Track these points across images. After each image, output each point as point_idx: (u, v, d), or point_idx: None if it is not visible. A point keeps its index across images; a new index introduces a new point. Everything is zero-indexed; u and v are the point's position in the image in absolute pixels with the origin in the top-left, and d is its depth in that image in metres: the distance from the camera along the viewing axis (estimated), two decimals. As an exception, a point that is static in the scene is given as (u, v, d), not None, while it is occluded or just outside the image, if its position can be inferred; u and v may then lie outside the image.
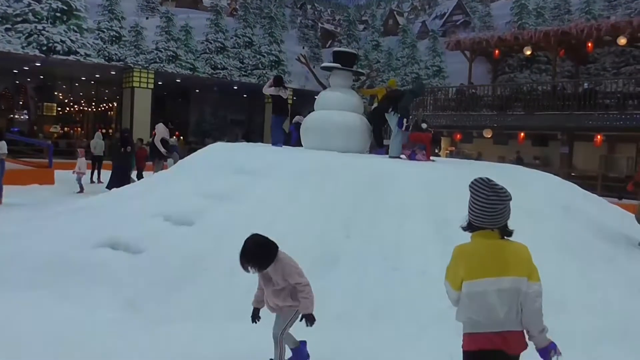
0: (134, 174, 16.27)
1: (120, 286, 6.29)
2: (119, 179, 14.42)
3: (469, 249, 3.17)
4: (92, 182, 18.60)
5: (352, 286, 6.20)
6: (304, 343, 4.73)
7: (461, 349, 3.24)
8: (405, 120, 9.58)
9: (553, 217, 7.96)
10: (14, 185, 15.33)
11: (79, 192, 15.54)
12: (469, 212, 3.25)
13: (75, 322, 5.28)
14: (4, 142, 13.12)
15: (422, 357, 5.05)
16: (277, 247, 4.42)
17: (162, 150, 15.00)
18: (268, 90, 11.72)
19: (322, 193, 7.82)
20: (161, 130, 15.48)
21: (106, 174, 18.22)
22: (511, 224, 6.68)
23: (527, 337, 3.25)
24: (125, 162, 15.73)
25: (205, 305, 5.87)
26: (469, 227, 3.25)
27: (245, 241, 4.34)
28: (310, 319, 4.36)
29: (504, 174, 9.37)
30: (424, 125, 9.87)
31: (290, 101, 34.15)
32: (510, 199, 3.25)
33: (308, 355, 4.71)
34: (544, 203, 8.27)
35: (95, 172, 19.01)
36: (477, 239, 3.20)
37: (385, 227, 7.22)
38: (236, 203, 7.72)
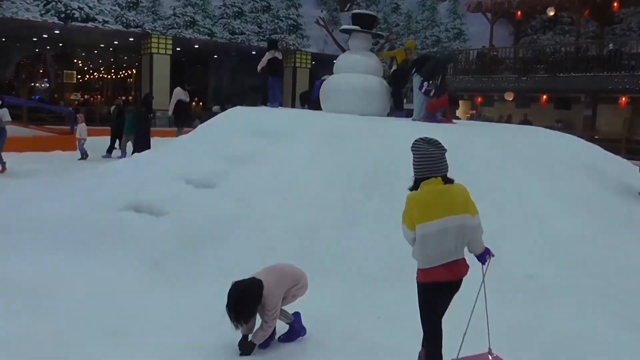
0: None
1: (144, 247, 6.42)
2: (142, 144, 14.52)
3: (419, 196, 3.62)
4: (114, 147, 18.79)
5: (373, 246, 6.26)
6: (297, 316, 4.59)
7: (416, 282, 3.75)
8: (426, 83, 9.46)
9: (575, 177, 7.89)
10: (37, 151, 15.59)
11: (80, 159, 15.35)
12: (414, 169, 3.72)
13: (102, 281, 5.42)
14: (5, 110, 12.94)
15: None
16: (261, 286, 4.17)
17: (170, 112, 15.07)
18: (264, 61, 12.28)
19: (342, 156, 7.83)
20: (178, 92, 15.50)
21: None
22: (532, 184, 6.68)
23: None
24: (148, 127, 15.81)
25: (229, 265, 5.96)
26: (415, 183, 3.72)
27: (230, 294, 4.09)
28: (248, 348, 4.24)
29: (526, 135, 9.29)
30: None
31: (309, 65, 34.05)
32: (446, 150, 3.75)
33: (304, 329, 4.61)
34: (566, 164, 8.19)
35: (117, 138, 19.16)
36: (425, 188, 3.65)
37: (405, 189, 7.21)
38: (257, 165, 7.77)
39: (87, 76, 35.42)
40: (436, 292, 3.61)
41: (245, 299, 4.05)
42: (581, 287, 5.72)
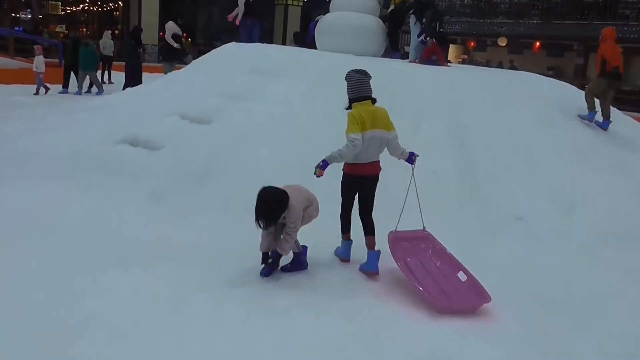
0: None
1: (141, 180, 6.46)
2: (134, 78, 14.32)
3: (356, 112, 4.63)
4: (102, 82, 18.52)
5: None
6: (305, 248, 4.74)
7: (343, 173, 4.87)
8: (424, 35, 9.59)
9: (567, 123, 8.00)
10: (25, 84, 15.29)
11: (35, 93, 14.46)
12: (349, 92, 4.79)
13: (104, 212, 5.49)
14: None
15: None
16: (287, 197, 4.35)
17: (175, 45, 14.67)
18: (241, 7, 12.10)
19: (338, 94, 7.76)
20: (171, 26, 15.11)
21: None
22: (525, 128, 6.74)
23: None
24: (139, 61, 15.56)
25: (227, 199, 6.06)
26: (350, 103, 4.78)
27: (260, 197, 4.28)
28: (276, 262, 4.53)
29: (520, 81, 9.33)
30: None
31: (301, 3, 33.30)
32: (371, 77, 4.85)
33: (307, 263, 4.75)
34: (559, 109, 8.29)
35: (106, 72, 18.85)
36: (359, 107, 4.68)
37: (401, 129, 7.26)
38: (253, 102, 7.76)
39: (73, 8, 34.44)
40: (357, 180, 4.79)
41: (274, 202, 4.25)
42: (570, 230, 5.90)
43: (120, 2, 33.11)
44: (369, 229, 4.82)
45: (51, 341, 3.33)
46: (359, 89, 4.73)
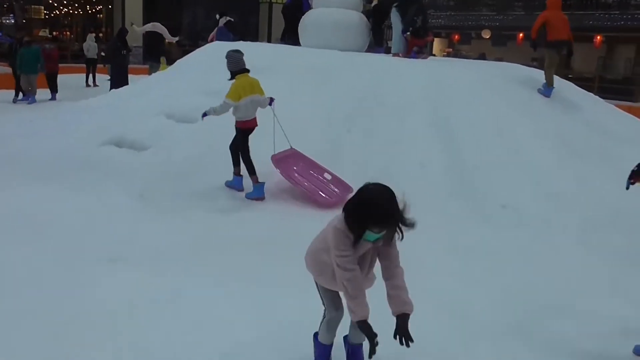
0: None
1: (129, 180, 6.49)
2: (120, 80, 14.28)
3: (240, 83, 6.12)
4: (87, 85, 18.44)
5: (354, 177, 6.39)
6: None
7: (237, 128, 6.30)
8: (408, 32, 9.63)
9: (550, 113, 8.08)
10: (9, 90, 15.18)
11: None
12: (230, 67, 6.26)
13: (92, 212, 5.51)
14: None
15: (417, 239, 5.28)
16: None
17: (174, 38, 14.76)
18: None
19: (323, 90, 7.88)
20: (158, 25, 15.23)
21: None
22: (510, 118, 6.79)
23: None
24: (124, 63, 15.50)
25: (211, 196, 6.12)
26: (232, 75, 6.22)
27: (376, 194, 2.73)
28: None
29: (505, 72, 9.40)
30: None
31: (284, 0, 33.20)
32: (243, 54, 6.37)
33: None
34: (543, 99, 8.36)
35: (90, 75, 18.77)
36: (241, 78, 6.19)
37: (386, 124, 7.35)
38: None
39: (56, 11, 34.21)
40: (246, 132, 6.26)
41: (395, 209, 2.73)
42: (555, 217, 5.98)
43: (102, 5, 32.91)
44: (252, 170, 6.25)
45: (42, 336, 3.35)
46: (237, 63, 6.23)
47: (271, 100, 6.40)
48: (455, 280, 4.54)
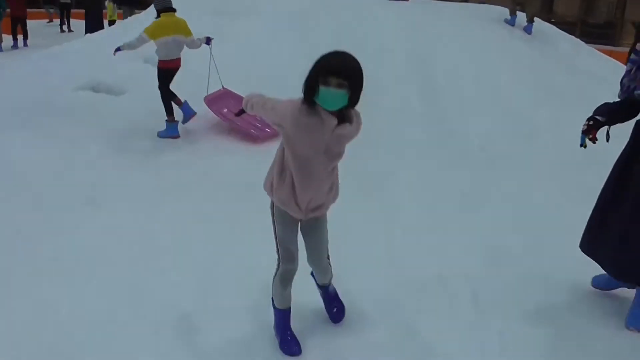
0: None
1: (105, 126, 6.40)
2: (94, 25, 13.91)
3: (161, 21, 6.10)
4: (62, 31, 17.97)
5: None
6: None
7: (158, 68, 6.24)
8: None
9: (529, 54, 8.09)
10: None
11: None
12: (156, 7, 6.23)
13: (66, 159, 5.46)
14: None
15: (394, 182, 5.37)
16: None
17: None
18: None
19: (303, 34, 7.79)
20: None
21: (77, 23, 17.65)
22: (488, 60, 6.74)
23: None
24: (99, 7, 15.07)
25: (193, 139, 6.10)
26: (158, 14, 6.16)
27: (333, 50, 2.42)
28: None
29: (482, 13, 9.34)
30: None
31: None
32: None
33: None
34: (521, 41, 8.35)
35: (65, 20, 18.28)
36: (165, 17, 6.14)
37: (366, 67, 7.26)
38: (217, 43, 7.63)
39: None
40: (167, 72, 6.22)
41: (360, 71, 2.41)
42: (530, 158, 6.05)
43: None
44: (170, 110, 6.31)
45: (21, 278, 3.39)
46: (163, 2, 6.22)
47: (208, 39, 6.44)
48: (429, 219, 4.62)
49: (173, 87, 6.33)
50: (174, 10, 6.28)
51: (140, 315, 3.10)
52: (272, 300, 2.87)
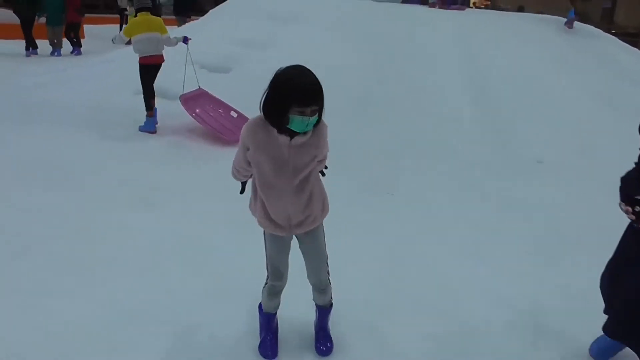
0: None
1: (163, 129, 6.58)
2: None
3: (136, 20, 6.51)
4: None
5: (384, 126, 6.39)
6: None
7: (139, 65, 6.51)
8: None
9: (590, 66, 7.87)
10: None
11: None
12: (134, 6, 6.61)
13: (124, 158, 5.62)
14: None
15: (434, 183, 5.30)
16: None
17: None
18: None
19: (356, 40, 7.80)
20: None
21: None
22: (547, 72, 6.56)
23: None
24: (157, 14, 15.36)
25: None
26: (136, 13, 6.55)
27: (292, 69, 2.31)
28: None
29: (539, 23, 9.14)
30: None
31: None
32: None
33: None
34: (583, 53, 8.14)
35: (124, 26, 18.73)
36: (141, 16, 6.46)
37: (419, 74, 7.26)
38: (270, 49, 7.75)
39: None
40: (145, 68, 6.51)
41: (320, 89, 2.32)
42: (591, 171, 5.87)
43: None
44: (149, 105, 6.59)
45: (79, 274, 3.47)
46: (139, 1, 6.59)
47: (185, 38, 6.74)
48: (486, 233, 4.53)
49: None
50: (149, 9, 6.64)
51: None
52: (259, 305, 2.90)
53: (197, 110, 6.71)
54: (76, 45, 14.03)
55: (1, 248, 3.76)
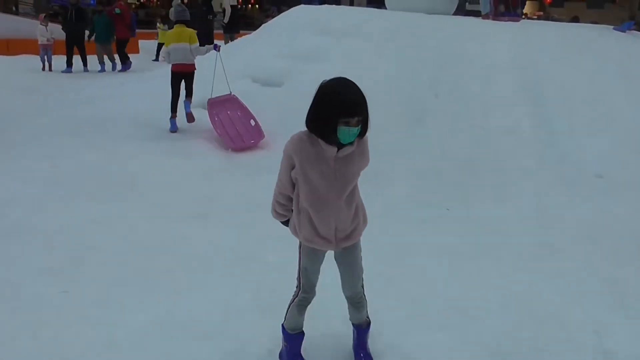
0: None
1: (219, 142, 6.70)
2: (205, 44, 14.53)
3: (171, 32, 7.34)
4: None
5: (438, 143, 6.29)
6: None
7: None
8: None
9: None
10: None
11: (42, 69, 13.21)
12: (174, 18, 7.46)
13: (180, 170, 5.74)
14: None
15: (505, 209, 5.17)
16: None
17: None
18: None
19: (408, 53, 7.73)
20: None
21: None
22: (598, 84, 6.30)
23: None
24: (210, 27, 15.73)
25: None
26: (172, 25, 7.25)
27: (336, 81, 2.41)
28: None
29: (599, 35, 8.87)
30: None
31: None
32: (185, 10, 7.59)
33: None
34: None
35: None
36: (175, 29, 7.22)
37: (473, 88, 7.13)
38: (322, 63, 7.76)
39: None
40: (174, 75, 7.18)
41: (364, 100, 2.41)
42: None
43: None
44: (173, 108, 7.17)
45: (139, 287, 3.54)
46: (177, 15, 7.35)
47: (215, 46, 7.39)
48: (542, 249, 4.41)
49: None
50: (184, 23, 7.27)
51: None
52: (283, 328, 2.82)
53: (220, 115, 7.12)
54: (123, 62, 14.17)
55: (62, 257, 3.87)
